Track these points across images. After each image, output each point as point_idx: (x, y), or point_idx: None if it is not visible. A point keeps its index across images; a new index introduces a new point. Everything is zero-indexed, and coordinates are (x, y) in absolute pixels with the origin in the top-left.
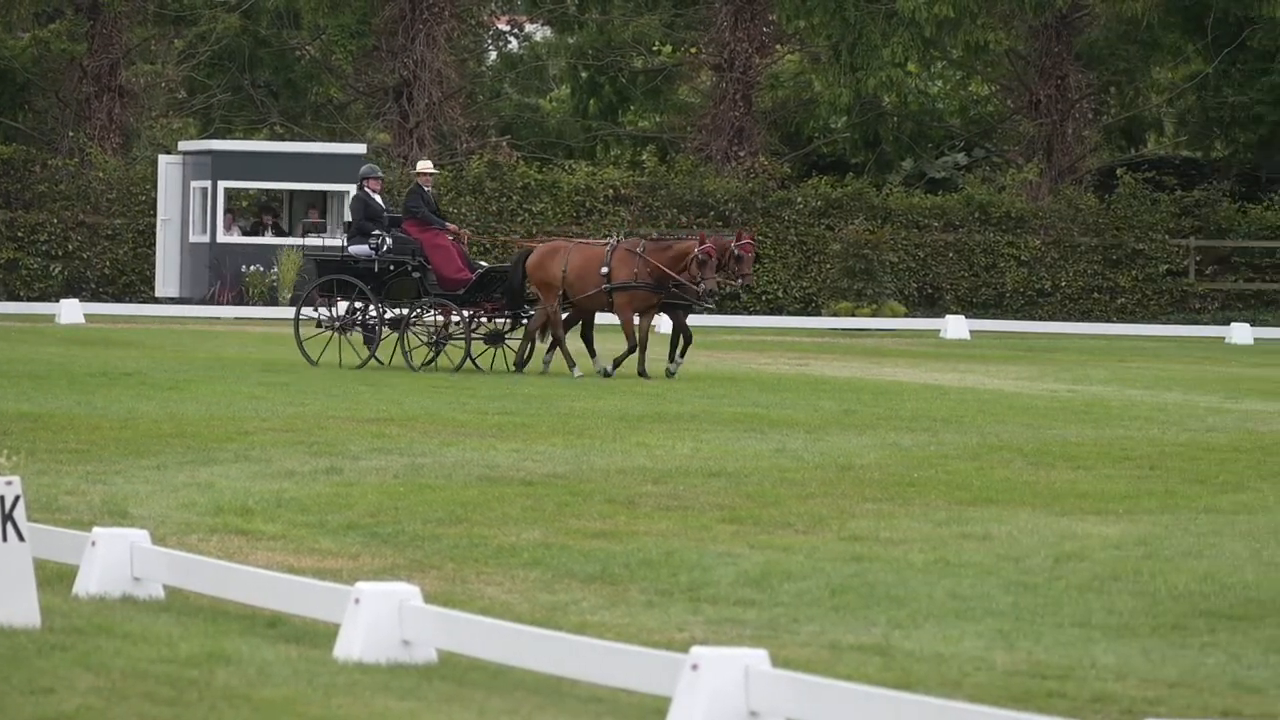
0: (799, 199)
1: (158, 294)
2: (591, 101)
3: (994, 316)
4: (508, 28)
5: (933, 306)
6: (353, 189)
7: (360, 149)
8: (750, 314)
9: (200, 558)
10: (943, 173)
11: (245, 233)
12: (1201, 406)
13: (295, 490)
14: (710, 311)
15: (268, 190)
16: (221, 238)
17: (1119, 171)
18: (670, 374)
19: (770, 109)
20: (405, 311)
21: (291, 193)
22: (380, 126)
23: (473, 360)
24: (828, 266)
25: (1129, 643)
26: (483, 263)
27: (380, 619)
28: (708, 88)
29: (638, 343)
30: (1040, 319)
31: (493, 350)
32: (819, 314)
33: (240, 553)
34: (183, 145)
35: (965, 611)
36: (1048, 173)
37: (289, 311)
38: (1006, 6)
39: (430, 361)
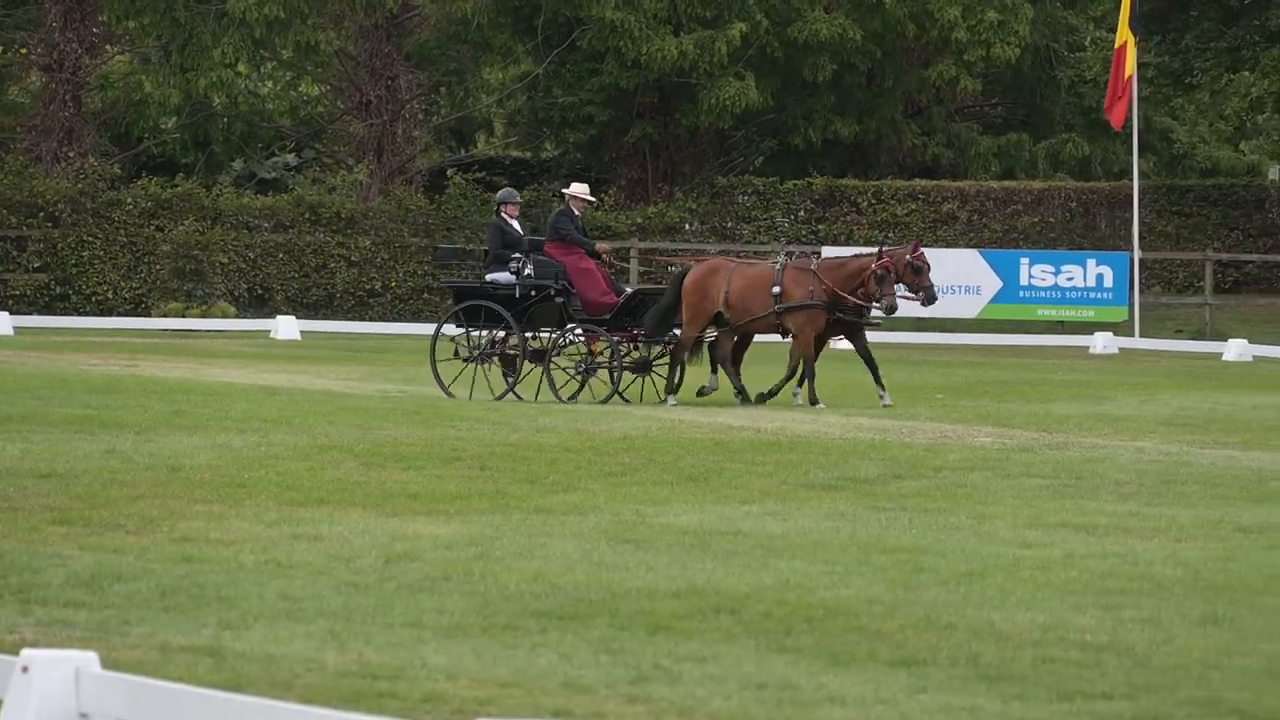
0: (129, 200)
1: None
2: None
3: (324, 317)
4: None
5: (263, 307)
6: None
7: None
8: (80, 315)
9: None
10: (273, 173)
11: None
12: (532, 408)
13: None
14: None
15: None
16: None
17: (449, 172)
18: (886, 405)
19: (100, 109)
20: (549, 338)
21: None
22: None
23: (620, 394)
24: (158, 267)
25: (460, 643)
26: (627, 287)
27: None
28: (37, 88)
29: (812, 367)
30: (371, 319)
31: (640, 379)
32: (149, 315)
33: None
34: None
35: (296, 612)
36: (378, 173)
37: None
38: (337, 7)
39: (576, 394)
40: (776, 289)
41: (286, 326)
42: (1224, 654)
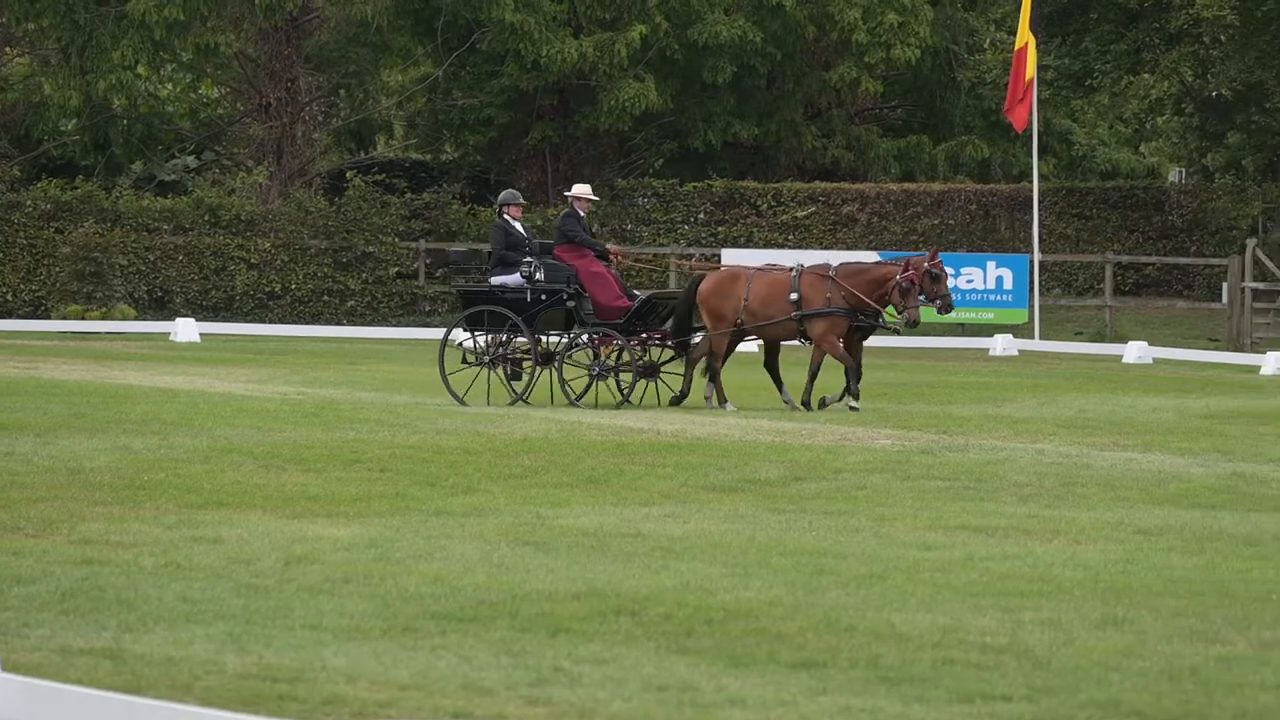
0: (29, 202)
1: None
2: None
3: (225, 319)
4: None
5: (163, 309)
6: None
7: None
8: None
9: None
10: (173, 175)
11: None
12: (432, 408)
13: None
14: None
15: None
16: None
17: (349, 174)
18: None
19: (0, 112)
20: (560, 341)
21: None
22: None
23: (624, 395)
24: (57, 269)
25: (360, 645)
26: (637, 292)
27: None
28: None
29: (816, 369)
30: (271, 321)
31: (646, 383)
32: (48, 317)
33: None
34: None
35: (196, 615)
36: (278, 175)
37: None
38: (237, 9)
39: (583, 394)
40: (794, 295)
41: (186, 329)
42: (1124, 656)
